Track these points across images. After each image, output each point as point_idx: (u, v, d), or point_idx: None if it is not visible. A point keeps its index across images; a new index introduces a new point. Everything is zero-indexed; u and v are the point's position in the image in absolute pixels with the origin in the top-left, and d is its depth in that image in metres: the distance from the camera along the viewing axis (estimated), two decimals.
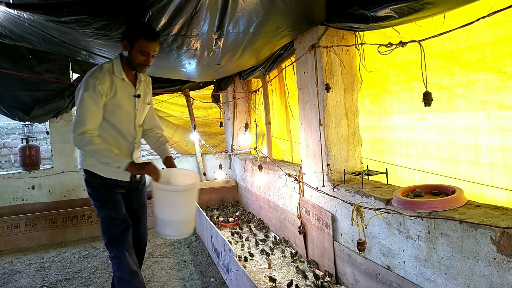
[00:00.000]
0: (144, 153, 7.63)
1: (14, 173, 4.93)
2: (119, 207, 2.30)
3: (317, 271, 2.97)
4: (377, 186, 2.47)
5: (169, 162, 2.42)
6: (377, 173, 2.58)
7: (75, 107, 5.20)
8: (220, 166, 5.73)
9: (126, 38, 2.15)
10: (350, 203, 2.35)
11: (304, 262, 3.21)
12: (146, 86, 2.41)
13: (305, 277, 2.86)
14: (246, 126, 5.38)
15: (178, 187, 2.22)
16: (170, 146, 5.77)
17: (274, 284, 2.81)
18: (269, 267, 3.13)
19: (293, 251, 3.46)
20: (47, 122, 5.05)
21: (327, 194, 2.78)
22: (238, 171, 5.55)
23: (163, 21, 2.36)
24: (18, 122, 5.64)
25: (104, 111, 2.19)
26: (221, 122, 5.65)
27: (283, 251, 3.48)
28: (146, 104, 2.40)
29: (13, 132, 7.09)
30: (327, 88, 2.73)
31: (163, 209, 2.15)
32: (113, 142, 2.25)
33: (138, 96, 2.31)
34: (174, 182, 2.29)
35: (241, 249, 3.63)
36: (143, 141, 2.56)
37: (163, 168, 2.31)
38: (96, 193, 2.31)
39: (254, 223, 4.44)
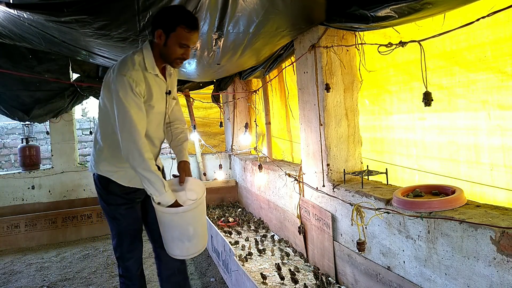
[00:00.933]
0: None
1: (14, 173, 4.93)
2: (136, 225, 2.07)
3: (316, 271, 2.97)
4: (377, 186, 2.47)
5: (182, 169, 2.09)
6: (377, 173, 2.57)
7: (75, 107, 5.18)
8: (220, 166, 5.73)
9: (161, 27, 1.77)
10: (350, 203, 2.35)
11: (304, 262, 3.21)
12: (173, 79, 2.07)
13: (304, 277, 2.86)
14: (246, 126, 5.38)
15: (184, 208, 1.90)
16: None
17: (266, 279, 2.80)
18: (280, 277, 3.12)
19: (293, 251, 3.45)
20: (47, 122, 5.05)
21: (327, 194, 2.78)
22: (238, 171, 5.55)
23: None
24: (18, 122, 5.63)
25: None
26: (221, 122, 5.65)
27: (283, 251, 3.48)
28: (173, 100, 2.10)
29: (13, 132, 7.08)
30: (327, 88, 2.73)
31: (170, 230, 1.93)
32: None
33: (169, 92, 1.99)
34: (184, 194, 2.08)
35: (241, 249, 3.63)
36: None
37: (170, 178, 2.11)
38: (113, 200, 2.00)
39: (254, 223, 4.43)
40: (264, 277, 2.88)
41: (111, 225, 2.08)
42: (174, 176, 2.13)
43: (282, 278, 2.87)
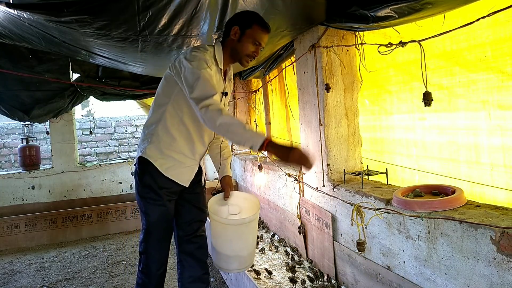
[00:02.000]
0: None
1: (14, 173, 4.93)
2: (166, 223, 2.02)
3: (316, 271, 2.97)
4: (377, 186, 2.47)
5: (227, 183, 2.11)
6: (377, 173, 2.57)
7: (75, 107, 5.16)
8: None
9: (238, 24, 1.87)
10: (350, 203, 2.35)
11: (304, 262, 3.21)
12: (230, 86, 2.12)
13: (304, 277, 2.86)
14: None
15: (243, 219, 1.90)
16: None
17: (266, 279, 2.80)
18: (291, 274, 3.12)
19: (293, 251, 3.45)
20: (47, 122, 5.05)
21: (327, 194, 2.78)
22: (238, 171, 5.55)
23: (163, 21, 2.36)
24: (18, 122, 5.63)
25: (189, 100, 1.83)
26: None
27: (282, 251, 3.48)
28: (227, 106, 2.11)
29: (13, 132, 7.09)
30: (327, 88, 2.73)
31: (224, 242, 1.91)
32: (188, 140, 1.95)
33: (225, 94, 2.00)
34: (227, 208, 2.05)
35: None
36: None
37: (217, 192, 2.09)
38: (146, 193, 1.96)
39: None
40: (266, 274, 2.88)
41: (142, 219, 2.03)
42: (217, 192, 2.11)
43: (281, 278, 2.87)
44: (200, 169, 2.16)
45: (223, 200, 2.09)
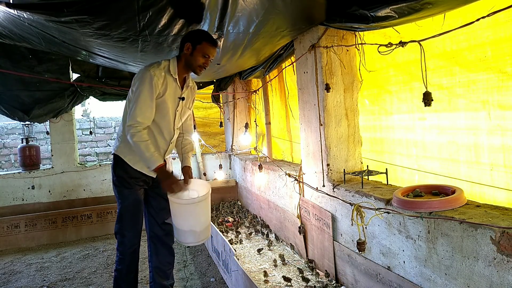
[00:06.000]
0: None
1: (14, 173, 4.93)
2: (135, 207, 2.41)
3: (317, 271, 2.97)
4: (377, 186, 2.47)
5: (186, 172, 2.46)
6: (377, 173, 2.57)
7: (75, 107, 5.18)
8: (220, 166, 5.73)
9: (190, 41, 2.24)
10: (350, 203, 2.35)
11: (304, 262, 3.21)
12: (190, 92, 2.47)
13: (304, 277, 2.86)
14: (246, 126, 5.38)
15: (193, 199, 2.28)
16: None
17: (266, 279, 2.80)
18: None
19: (293, 251, 3.46)
20: (47, 122, 5.05)
21: (327, 194, 2.78)
22: (238, 171, 5.55)
23: (163, 21, 2.36)
24: (18, 122, 5.63)
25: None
26: (221, 122, 5.65)
27: (283, 251, 3.48)
28: (187, 109, 2.47)
29: (13, 132, 7.08)
30: (327, 88, 2.73)
31: (181, 220, 2.26)
32: (152, 138, 2.31)
33: (183, 98, 2.38)
34: (187, 193, 2.37)
35: (241, 249, 3.63)
36: None
37: (180, 180, 2.38)
38: (119, 182, 2.38)
39: (254, 223, 4.44)
40: (265, 273, 2.88)
41: (117, 201, 2.43)
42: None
43: (282, 278, 2.87)
44: (170, 169, 2.54)
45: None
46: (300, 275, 2.92)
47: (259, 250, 3.52)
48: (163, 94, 2.25)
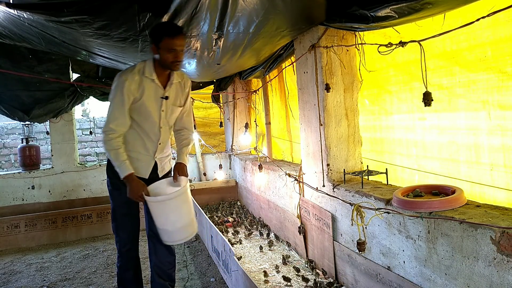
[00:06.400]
0: None
1: (14, 173, 4.93)
2: (124, 208, 2.43)
3: (317, 271, 2.97)
4: (377, 186, 2.47)
5: (176, 168, 2.44)
6: (377, 173, 2.57)
7: (75, 107, 5.21)
8: (220, 166, 5.73)
9: (153, 42, 2.16)
10: (350, 203, 2.35)
11: (304, 262, 3.21)
12: (179, 88, 2.39)
13: (304, 277, 2.86)
14: (246, 126, 5.38)
15: (164, 196, 2.22)
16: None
17: (266, 279, 2.80)
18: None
19: (293, 251, 3.46)
20: (47, 122, 5.05)
21: (327, 194, 2.78)
22: (238, 171, 5.55)
23: (163, 21, 2.35)
24: (18, 122, 5.63)
25: (132, 110, 2.26)
26: (221, 122, 5.65)
27: (282, 251, 3.48)
28: (177, 107, 2.40)
29: (13, 132, 7.08)
30: (327, 88, 2.73)
31: (161, 219, 2.21)
32: (139, 141, 2.35)
33: (166, 98, 2.31)
34: (164, 192, 2.32)
35: (241, 249, 3.63)
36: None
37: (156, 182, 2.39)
38: (110, 183, 2.44)
39: (254, 223, 4.44)
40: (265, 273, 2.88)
41: (110, 200, 2.49)
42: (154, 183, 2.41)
43: (282, 278, 2.87)
44: (166, 169, 2.53)
45: (164, 184, 2.36)
46: (300, 275, 2.92)
47: (259, 250, 3.52)
48: (141, 97, 2.23)
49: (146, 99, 2.25)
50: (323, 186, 2.81)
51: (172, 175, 2.44)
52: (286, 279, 2.85)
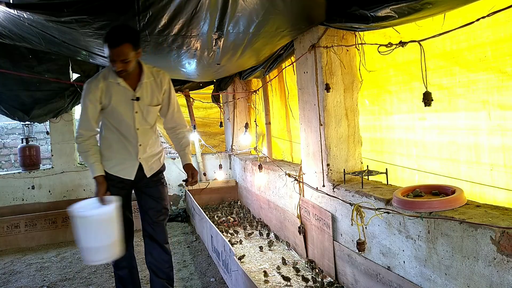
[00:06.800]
0: None
1: (14, 173, 4.93)
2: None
3: (316, 271, 2.97)
4: (377, 186, 2.47)
5: (188, 170, 2.48)
6: (377, 173, 2.57)
7: (75, 107, 5.21)
8: (220, 166, 5.73)
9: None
10: (350, 203, 2.35)
11: (304, 262, 3.21)
12: (154, 87, 2.36)
13: (304, 277, 2.86)
14: (246, 126, 5.38)
15: (85, 213, 2.19)
16: (170, 147, 5.81)
17: (266, 279, 2.80)
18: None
19: (293, 251, 3.45)
20: (47, 122, 5.04)
21: (327, 194, 2.78)
22: (238, 171, 5.55)
23: (163, 21, 2.35)
24: (18, 122, 5.63)
25: (105, 114, 2.33)
26: (221, 122, 5.65)
27: (282, 251, 3.48)
28: (153, 106, 2.38)
29: (13, 132, 7.08)
30: (327, 88, 2.73)
31: (81, 234, 2.17)
32: (120, 144, 2.38)
33: (137, 99, 2.30)
34: (100, 207, 2.30)
35: (241, 249, 3.63)
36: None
37: (185, 181, 2.47)
38: None
39: (254, 223, 4.43)
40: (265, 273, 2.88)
41: None
42: (185, 181, 2.49)
43: (282, 278, 2.87)
44: (161, 168, 2.58)
45: (96, 204, 2.31)
46: (300, 275, 2.92)
47: (259, 250, 3.52)
48: (110, 102, 2.26)
49: (116, 104, 2.28)
50: (323, 186, 2.81)
51: (187, 175, 2.50)
52: (286, 279, 2.85)
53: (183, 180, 2.57)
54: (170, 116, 2.48)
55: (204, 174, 5.71)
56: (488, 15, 1.64)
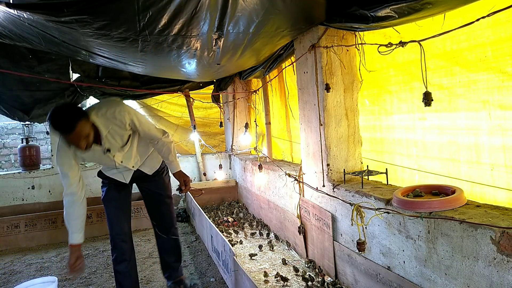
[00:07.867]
0: None
1: (14, 173, 4.92)
2: (110, 202, 2.68)
3: (316, 271, 2.97)
4: (377, 186, 2.47)
5: (179, 178, 2.65)
6: (377, 173, 2.57)
7: None
8: (220, 166, 5.73)
9: None
10: (350, 203, 2.35)
11: (304, 262, 3.21)
12: (116, 130, 2.37)
13: (304, 277, 2.86)
14: (246, 126, 5.38)
15: None
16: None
17: (266, 279, 2.80)
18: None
19: (293, 251, 3.45)
20: (47, 122, 5.03)
21: (327, 194, 2.77)
22: (238, 171, 5.55)
23: (163, 21, 2.35)
24: (18, 122, 5.63)
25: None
26: (221, 122, 5.65)
27: (282, 251, 3.47)
28: (123, 143, 2.46)
29: (13, 132, 7.08)
30: (327, 88, 2.73)
31: None
32: (111, 169, 2.63)
33: (108, 150, 2.42)
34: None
35: (241, 249, 3.63)
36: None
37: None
38: (102, 182, 2.77)
39: (254, 223, 4.43)
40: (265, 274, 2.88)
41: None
42: (178, 189, 2.71)
43: (282, 278, 2.87)
44: (161, 165, 2.83)
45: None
46: (300, 275, 2.92)
47: (259, 250, 3.52)
48: (84, 159, 2.48)
49: (91, 159, 2.48)
50: (323, 186, 2.80)
51: (169, 177, 2.80)
52: (286, 279, 2.85)
53: (177, 189, 2.72)
54: (144, 134, 2.55)
55: (204, 174, 5.71)
56: (488, 15, 1.64)
